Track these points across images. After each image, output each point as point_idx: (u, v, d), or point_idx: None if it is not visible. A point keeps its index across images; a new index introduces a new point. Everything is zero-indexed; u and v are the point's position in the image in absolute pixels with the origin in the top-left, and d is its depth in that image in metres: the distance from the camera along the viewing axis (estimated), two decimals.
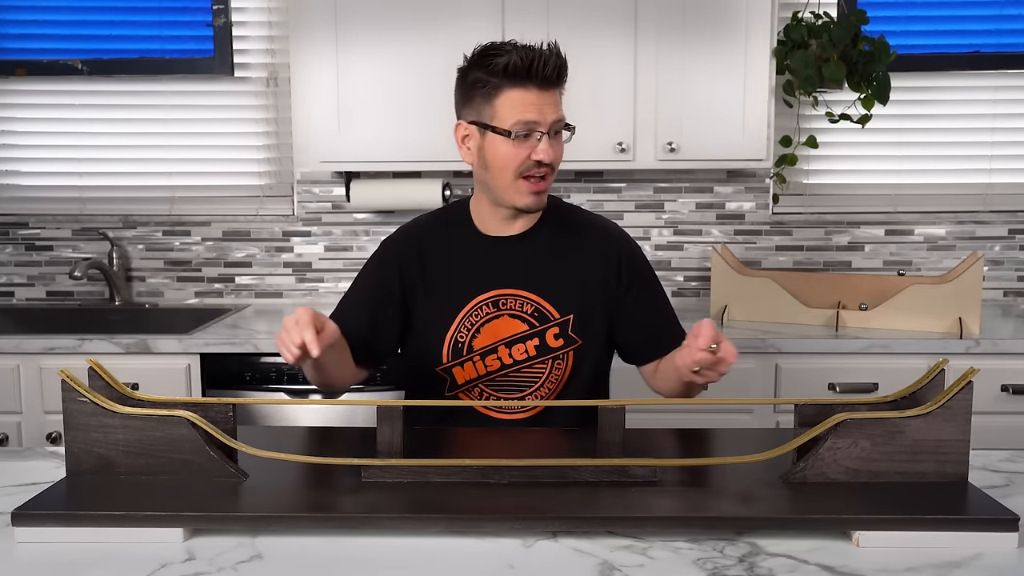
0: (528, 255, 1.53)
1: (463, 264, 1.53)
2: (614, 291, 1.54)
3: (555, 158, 1.44)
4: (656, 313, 1.58)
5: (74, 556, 0.98)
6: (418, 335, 1.55)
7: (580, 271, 1.53)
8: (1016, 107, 2.71)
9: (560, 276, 1.52)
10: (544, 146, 1.42)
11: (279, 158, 2.77)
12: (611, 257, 1.54)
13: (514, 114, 1.41)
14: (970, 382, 1.08)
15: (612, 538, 1.02)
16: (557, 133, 1.45)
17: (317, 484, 1.13)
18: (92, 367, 1.16)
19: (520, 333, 1.50)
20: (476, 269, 1.53)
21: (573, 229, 1.57)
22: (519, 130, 1.41)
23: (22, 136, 2.80)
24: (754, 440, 1.34)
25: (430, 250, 1.55)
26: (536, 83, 1.40)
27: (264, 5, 2.71)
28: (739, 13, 2.31)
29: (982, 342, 2.16)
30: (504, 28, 2.30)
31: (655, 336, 1.57)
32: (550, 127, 1.42)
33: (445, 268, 1.54)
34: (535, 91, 1.41)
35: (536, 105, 1.41)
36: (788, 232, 2.74)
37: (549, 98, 1.42)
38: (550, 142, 1.43)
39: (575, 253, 1.54)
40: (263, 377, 2.22)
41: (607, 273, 1.54)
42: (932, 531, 1.00)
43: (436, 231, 1.58)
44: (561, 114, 1.44)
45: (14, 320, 2.68)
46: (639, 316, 1.56)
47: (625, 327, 1.56)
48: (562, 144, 1.47)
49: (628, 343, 1.58)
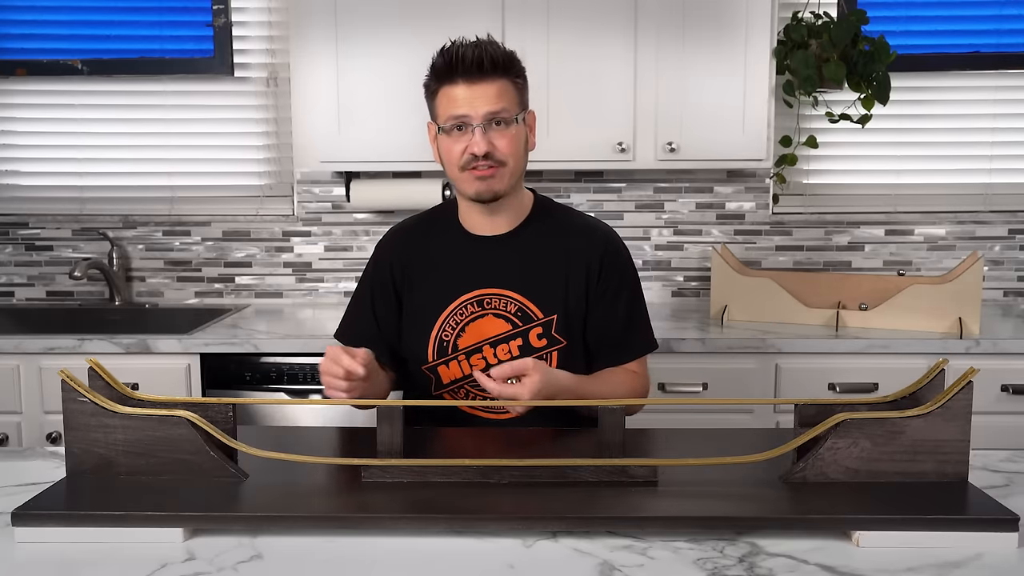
0: (513, 255, 1.53)
1: (448, 263, 1.54)
2: (594, 290, 1.53)
3: (496, 149, 1.44)
4: (619, 321, 1.55)
5: (74, 556, 0.98)
6: (405, 333, 1.57)
7: (565, 271, 1.53)
8: (1016, 107, 2.71)
9: (544, 276, 1.52)
10: (477, 138, 1.42)
11: (279, 158, 2.77)
12: (594, 258, 1.54)
13: (446, 110, 1.45)
14: (970, 382, 1.08)
15: (612, 538, 1.02)
16: (500, 123, 1.44)
17: (317, 484, 1.13)
18: (92, 367, 1.16)
19: (504, 333, 1.51)
20: (461, 268, 1.53)
21: (560, 229, 1.56)
22: (448, 124, 1.44)
23: (22, 136, 2.80)
24: (754, 440, 1.34)
25: (416, 249, 1.57)
26: (462, 77, 1.42)
27: (264, 5, 2.71)
28: (739, 13, 2.31)
29: (982, 342, 2.16)
30: (504, 28, 2.30)
31: (613, 345, 1.55)
32: (483, 119, 1.42)
33: (431, 267, 1.55)
34: (463, 85, 1.42)
35: (464, 99, 1.42)
36: (788, 232, 2.74)
37: (480, 91, 1.42)
38: (488, 134, 1.43)
39: (560, 253, 1.54)
40: (263, 377, 2.22)
41: (590, 274, 1.53)
42: (932, 531, 1.00)
43: (423, 230, 1.60)
44: (498, 106, 1.43)
45: (14, 320, 2.68)
46: (603, 320, 1.54)
47: (590, 328, 1.54)
48: (511, 135, 1.45)
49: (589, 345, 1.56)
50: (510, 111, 1.45)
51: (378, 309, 1.58)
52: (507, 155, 1.45)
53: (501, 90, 1.44)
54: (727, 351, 2.19)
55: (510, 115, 1.45)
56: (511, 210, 1.54)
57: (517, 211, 1.55)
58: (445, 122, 1.45)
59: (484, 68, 1.42)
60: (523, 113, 1.49)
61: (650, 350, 1.60)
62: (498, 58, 1.43)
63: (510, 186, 1.49)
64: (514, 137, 1.46)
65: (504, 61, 1.44)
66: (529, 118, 1.52)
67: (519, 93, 1.48)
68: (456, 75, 1.42)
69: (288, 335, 2.28)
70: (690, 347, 2.17)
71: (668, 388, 2.17)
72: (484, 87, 1.42)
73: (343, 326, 1.64)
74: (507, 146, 1.45)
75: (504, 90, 1.44)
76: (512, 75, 1.46)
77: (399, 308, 1.58)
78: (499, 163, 1.45)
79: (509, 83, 1.45)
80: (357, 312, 1.62)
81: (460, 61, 1.41)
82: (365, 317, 1.59)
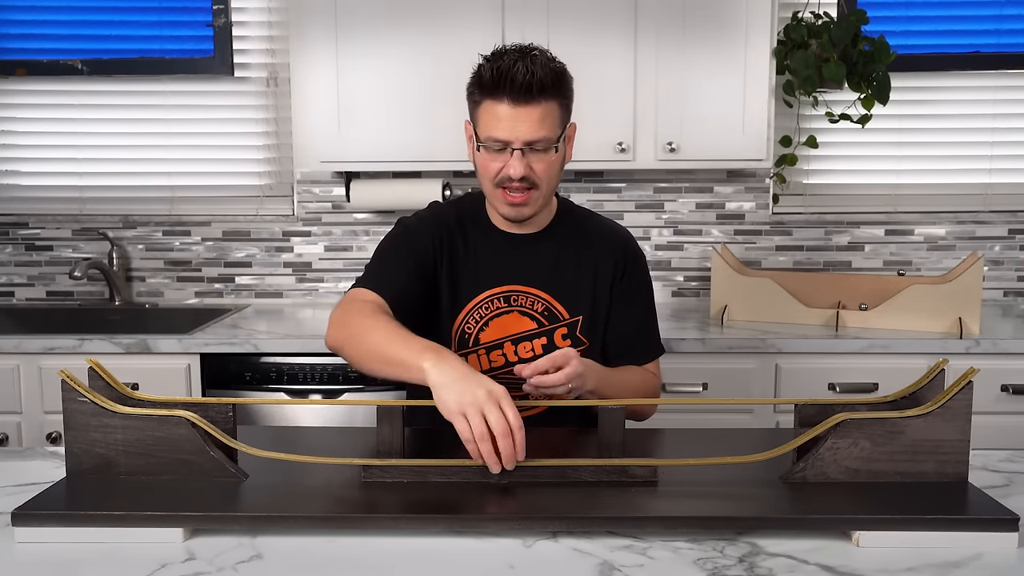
0: (542, 254, 1.53)
1: (479, 256, 1.52)
2: (616, 294, 1.55)
3: (533, 172, 1.40)
4: (636, 320, 1.57)
5: (74, 556, 0.98)
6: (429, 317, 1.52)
7: (592, 273, 1.53)
8: (1016, 107, 2.71)
9: (572, 277, 1.52)
10: (515, 162, 1.38)
11: (279, 158, 2.77)
12: (619, 260, 1.55)
13: (487, 128, 1.39)
14: (970, 382, 1.08)
15: (612, 538, 1.02)
16: (539, 149, 1.39)
17: (317, 484, 1.13)
18: (92, 367, 1.16)
19: (528, 331, 1.50)
20: (491, 262, 1.52)
21: (586, 231, 1.57)
22: (490, 144, 1.40)
23: (22, 136, 2.80)
24: (754, 440, 1.34)
25: (453, 236, 1.53)
26: (508, 96, 1.35)
27: (264, 5, 2.71)
28: (739, 13, 2.31)
29: (982, 342, 2.16)
30: (504, 28, 2.30)
31: (632, 345, 1.57)
32: (523, 143, 1.37)
33: (463, 257, 1.52)
34: (508, 106, 1.36)
35: (508, 122, 1.36)
36: (788, 232, 2.74)
37: (525, 115, 1.36)
38: (526, 157, 1.38)
39: (588, 254, 1.54)
40: (263, 377, 2.23)
41: (615, 277, 1.55)
42: (932, 531, 1.00)
43: (457, 220, 1.55)
44: (540, 134, 1.37)
45: (14, 320, 2.68)
46: (622, 321, 1.55)
47: (610, 329, 1.55)
48: (549, 160, 1.41)
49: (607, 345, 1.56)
50: (551, 138, 1.39)
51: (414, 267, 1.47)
52: (542, 180, 1.42)
53: (545, 113, 1.37)
54: (727, 351, 2.19)
55: (550, 142, 1.40)
56: (540, 215, 1.52)
57: (545, 215, 1.54)
58: (485, 141, 1.40)
59: (532, 92, 1.35)
60: (563, 133, 1.44)
61: (662, 352, 1.63)
62: (547, 81, 1.36)
63: (541, 207, 1.48)
64: (552, 163, 1.42)
65: (553, 82, 1.37)
66: (570, 130, 1.47)
67: (563, 111, 1.42)
68: (502, 94, 1.36)
69: (288, 335, 2.28)
70: (690, 347, 2.17)
71: (668, 388, 2.17)
72: (529, 111, 1.36)
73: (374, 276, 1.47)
74: (544, 171, 1.41)
75: (548, 113, 1.38)
76: (560, 96, 1.40)
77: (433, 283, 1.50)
78: (533, 185, 1.41)
79: (556, 104, 1.39)
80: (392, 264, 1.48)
81: (508, 82, 1.34)
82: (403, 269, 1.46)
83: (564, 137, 1.44)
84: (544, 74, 1.36)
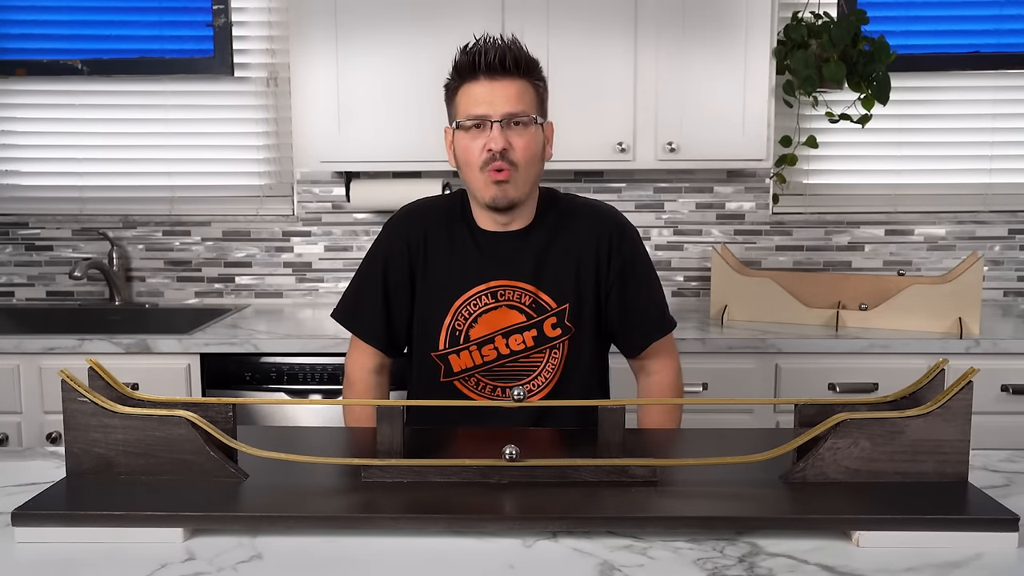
0: (526, 248, 1.53)
1: (464, 253, 1.53)
2: (604, 274, 1.54)
3: (513, 148, 1.43)
4: (642, 296, 1.57)
5: (74, 556, 0.98)
6: (416, 318, 1.56)
7: (575, 257, 1.53)
8: (1016, 107, 2.71)
9: (557, 266, 1.53)
10: (495, 134, 1.42)
11: (279, 158, 2.77)
12: (603, 239, 1.54)
13: (465, 108, 1.44)
14: (970, 382, 1.08)
15: (612, 538, 1.01)
16: (518, 124, 1.44)
17: (317, 484, 1.13)
18: (92, 367, 1.16)
19: (518, 324, 1.51)
20: (476, 259, 1.53)
21: (568, 216, 1.57)
22: (468, 121, 1.43)
23: (22, 136, 2.80)
24: (754, 440, 1.34)
25: (433, 235, 1.55)
26: (484, 74, 1.42)
27: (264, 5, 2.71)
28: (739, 13, 2.31)
29: (982, 342, 2.16)
30: (504, 28, 2.30)
31: (640, 321, 1.58)
32: (503, 118, 1.42)
33: (446, 255, 1.54)
34: (484, 83, 1.42)
35: (485, 96, 1.42)
36: (788, 232, 2.74)
37: (501, 89, 1.42)
38: (505, 132, 1.42)
39: (570, 240, 1.54)
40: (263, 377, 2.23)
41: (599, 256, 1.54)
42: (932, 531, 1.00)
43: (440, 217, 1.57)
44: (518, 107, 1.43)
45: (14, 320, 2.68)
46: (626, 299, 1.56)
47: (613, 311, 1.56)
48: (528, 137, 1.44)
49: (615, 328, 1.58)
50: (528, 112, 1.44)
51: (390, 287, 1.56)
52: (521, 158, 1.44)
53: (522, 90, 1.44)
54: (727, 351, 2.19)
55: (529, 117, 1.44)
56: (524, 211, 1.53)
57: (528, 211, 1.54)
58: (464, 119, 1.44)
59: (507, 66, 1.42)
60: (542, 121, 1.48)
61: (674, 325, 1.63)
62: (521, 58, 1.43)
63: (525, 194, 1.48)
64: (531, 139, 1.45)
65: (527, 62, 1.45)
66: (547, 128, 1.51)
67: (539, 98, 1.48)
68: (478, 72, 1.42)
69: (288, 335, 2.28)
70: (690, 347, 2.17)
71: None
72: (505, 85, 1.42)
73: (348, 308, 1.61)
74: (523, 148, 1.44)
75: (524, 91, 1.44)
76: (534, 78, 1.46)
77: (409, 291, 1.55)
78: (512, 164, 1.43)
79: (530, 85, 1.45)
80: (365, 293, 1.58)
81: (483, 59, 1.41)
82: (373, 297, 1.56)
83: (543, 125, 1.49)
84: (517, 51, 1.43)
